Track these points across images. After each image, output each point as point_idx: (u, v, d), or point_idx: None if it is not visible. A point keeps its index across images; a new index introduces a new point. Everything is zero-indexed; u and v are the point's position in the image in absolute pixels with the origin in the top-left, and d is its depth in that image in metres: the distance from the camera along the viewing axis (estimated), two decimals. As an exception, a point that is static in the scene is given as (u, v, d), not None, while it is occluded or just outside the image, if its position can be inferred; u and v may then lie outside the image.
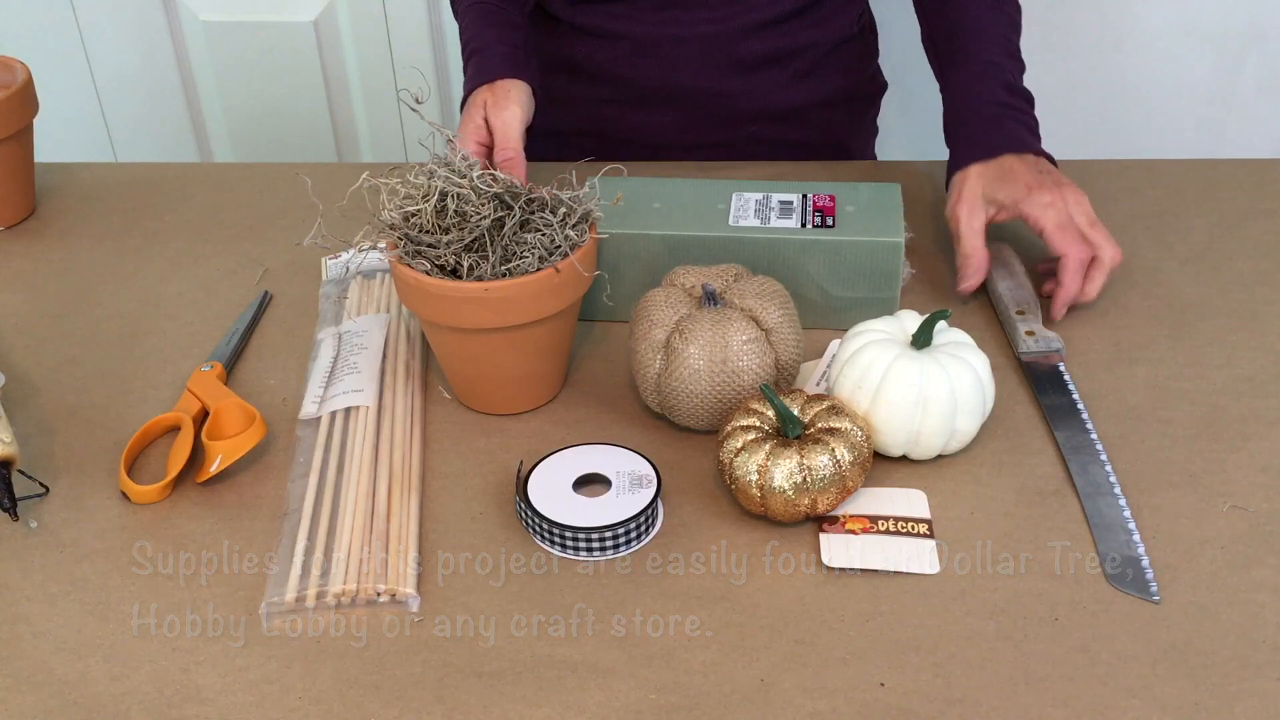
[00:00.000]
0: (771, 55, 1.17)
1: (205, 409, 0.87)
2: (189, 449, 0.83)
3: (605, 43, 1.18)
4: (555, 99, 1.23)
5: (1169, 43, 1.65)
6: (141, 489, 0.80)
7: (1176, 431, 0.83)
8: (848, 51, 1.21)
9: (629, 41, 1.16)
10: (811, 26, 1.17)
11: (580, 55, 1.19)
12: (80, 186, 1.19)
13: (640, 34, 1.16)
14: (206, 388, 0.88)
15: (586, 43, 1.19)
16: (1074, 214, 0.93)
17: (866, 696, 0.66)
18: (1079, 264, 0.92)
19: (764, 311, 0.82)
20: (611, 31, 1.17)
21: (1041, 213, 0.93)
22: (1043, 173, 0.96)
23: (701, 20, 1.14)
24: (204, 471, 0.81)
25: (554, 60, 1.21)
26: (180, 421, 0.86)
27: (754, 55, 1.16)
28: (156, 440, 0.86)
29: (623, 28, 1.16)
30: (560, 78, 1.21)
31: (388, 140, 1.87)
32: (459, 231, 0.81)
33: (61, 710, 0.67)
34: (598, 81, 1.20)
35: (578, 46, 1.19)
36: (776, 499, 0.74)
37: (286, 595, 0.72)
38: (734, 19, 1.14)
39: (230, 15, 1.75)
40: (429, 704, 0.66)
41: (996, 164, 0.97)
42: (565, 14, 1.18)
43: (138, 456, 0.85)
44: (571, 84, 1.21)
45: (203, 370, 0.90)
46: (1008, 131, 0.99)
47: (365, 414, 0.85)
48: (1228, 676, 0.66)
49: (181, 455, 0.82)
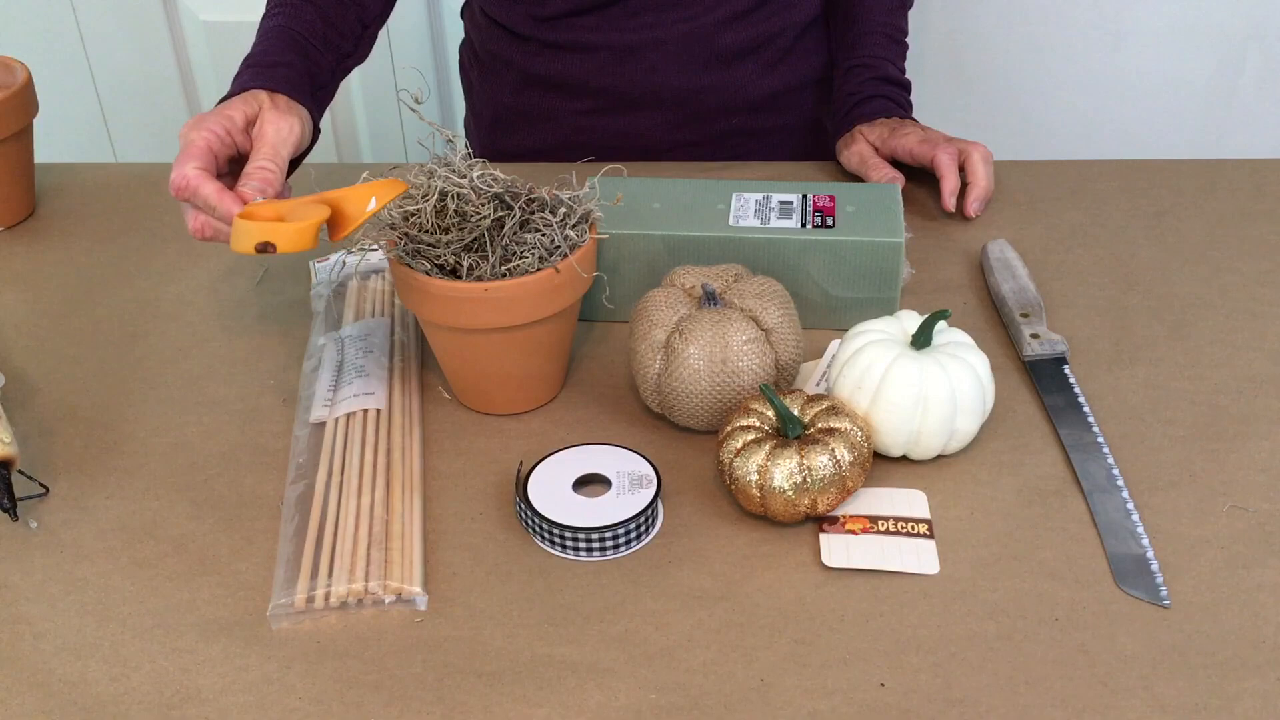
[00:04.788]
0: (747, 46, 1.18)
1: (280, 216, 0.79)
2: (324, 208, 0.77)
3: (580, 56, 1.17)
4: (532, 116, 1.23)
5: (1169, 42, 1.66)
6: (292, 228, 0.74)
7: (1176, 431, 0.83)
8: (815, 33, 1.23)
9: (605, 51, 1.16)
10: (781, 12, 1.18)
11: (555, 71, 1.19)
12: (80, 186, 1.19)
13: (616, 42, 1.16)
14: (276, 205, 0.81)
15: (561, 58, 1.18)
16: (930, 134, 1.10)
17: (866, 696, 0.66)
18: (950, 160, 1.06)
19: (764, 311, 0.82)
20: (586, 44, 1.16)
21: (902, 140, 1.10)
22: (905, 122, 1.13)
23: (675, 20, 1.15)
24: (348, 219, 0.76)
25: (527, 78, 1.21)
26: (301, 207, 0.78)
27: (730, 48, 1.17)
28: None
29: (597, 39, 1.16)
30: (535, 94, 1.21)
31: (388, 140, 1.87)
32: (459, 231, 0.81)
33: (61, 710, 0.67)
34: (576, 94, 1.19)
35: (552, 63, 1.19)
36: (776, 499, 0.74)
37: (295, 597, 0.72)
38: (707, 15, 1.15)
39: (230, 15, 1.75)
40: (429, 704, 0.66)
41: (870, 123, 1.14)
42: (532, 32, 1.18)
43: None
44: (548, 99, 1.21)
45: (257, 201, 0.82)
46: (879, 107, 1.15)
47: (365, 415, 0.85)
48: (1228, 677, 0.66)
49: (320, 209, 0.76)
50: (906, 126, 1.11)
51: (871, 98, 1.15)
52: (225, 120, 0.87)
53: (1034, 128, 1.75)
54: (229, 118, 0.88)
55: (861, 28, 1.18)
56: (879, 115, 1.14)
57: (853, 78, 1.17)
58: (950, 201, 1.06)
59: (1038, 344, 0.90)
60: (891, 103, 1.16)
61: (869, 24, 1.18)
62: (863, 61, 1.17)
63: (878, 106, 1.15)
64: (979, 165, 1.07)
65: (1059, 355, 0.89)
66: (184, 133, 0.87)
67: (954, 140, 1.09)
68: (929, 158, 1.07)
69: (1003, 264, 0.98)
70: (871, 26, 1.18)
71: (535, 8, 1.16)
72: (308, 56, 0.98)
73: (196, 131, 0.86)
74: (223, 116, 0.87)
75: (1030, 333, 0.91)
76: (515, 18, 1.18)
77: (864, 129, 1.13)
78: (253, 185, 0.83)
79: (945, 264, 1.02)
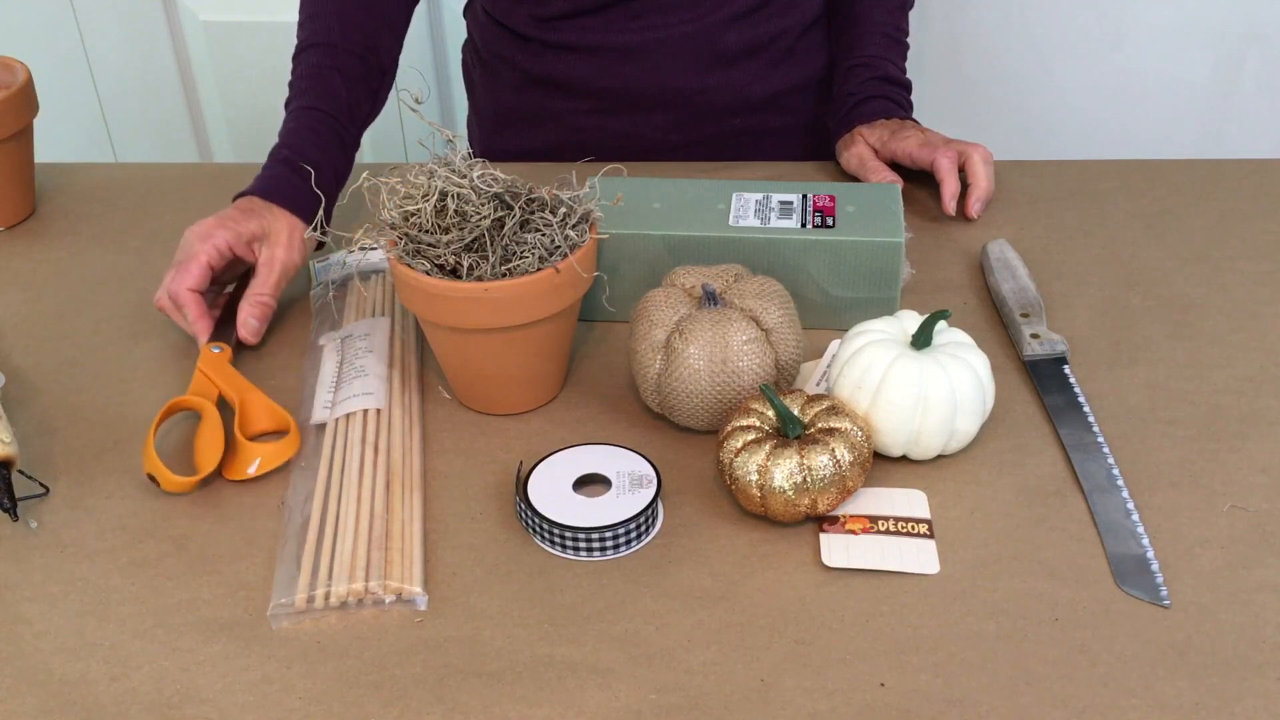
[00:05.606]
0: (749, 46, 1.18)
1: (223, 395, 0.86)
2: (221, 444, 0.81)
3: (582, 57, 1.17)
4: (534, 116, 1.22)
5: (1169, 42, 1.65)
6: (175, 478, 0.79)
7: (1177, 431, 0.83)
8: (817, 33, 1.23)
9: (607, 52, 1.16)
10: (783, 12, 1.18)
11: (556, 72, 1.19)
12: (80, 186, 1.19)
13: (619, 43, 1.16)
14: (220, 372, 0.87)
15: (563, 58, 1.18)
16: (930, 136, 1.10)
17: (866, 697, 0.66)
18: (950, 164, 1.06)
19: (764, 311, 0.82)
20: (588, 45, 1.16)
21: (902, 143, 1.09)
22: (905, 124, 1.13)
23: (677, 22, 1.15)
24: (237, 470, 0.80)
25: (529, 78, 1.20)
26: (201, 408, 0.84)
27: (732, 48, 1.17)
28: (168, 418, 0.85)
29: (599, 40, 1.16)
30: (537, 94, 1.21)
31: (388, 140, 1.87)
32: (459, 231, 0.81)
33: (61, 710, 0.67)
34: (578, 94, 1.19)
35: (554, 64, 1.18)
36: (776, 499, 0.74)
37: (296, 596, 0.72)
38: (709, 15, 1.15)
39: (230, 15, 1.75)
40: (429, 704, 0.66)
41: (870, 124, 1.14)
42: (535, 32, 1.17)
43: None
44: (550, 99, 1.21)
45: (212, 351, 0.89)
46: (880, 108, 1.15)
47: (365, 415, 0.85)
48: (1228, 677, 0.66)
49: (215, 450, 0.81)
50: (906, 129, 1.11)
51: (872, 98, 1.15)
52: (233, 236, 0.93)
53: (1034, 128, 1.75)
54: (238, 235, 0.93)
55: (862, 27, 1.18)
56: (879, 116, 1.14)
57: (853, 77, 1.17)
58: (951, 206, 1.05)
59: (1038, 344, 0.90)
60: (892, 103, 1.15)
61: (869, 24, 1.18)
62: (863, 61, 1.17)
63: (878, 107, 1.14)
64: (979, 167, 1.07)
65: (1059, 355, 0.89)
66: (191, 241, 0.92)
67: (953, 142, 1.09)
68: (929, 161, 1.07)
69: (1003, 264, 0.98)
70: (872, 26, 1.18)
71: (537, 9, 1.16)
72: (343, 143, 1.04)
73: (202, 245, 0.92)
74: (232, 232, 0.93)
75: (1030, 333, 0.91)
76: (517, 18, 1.18)
77: (863, 130, 1.13)
78: (250, 326, 0.92)
79: (945, 264, 1.02)
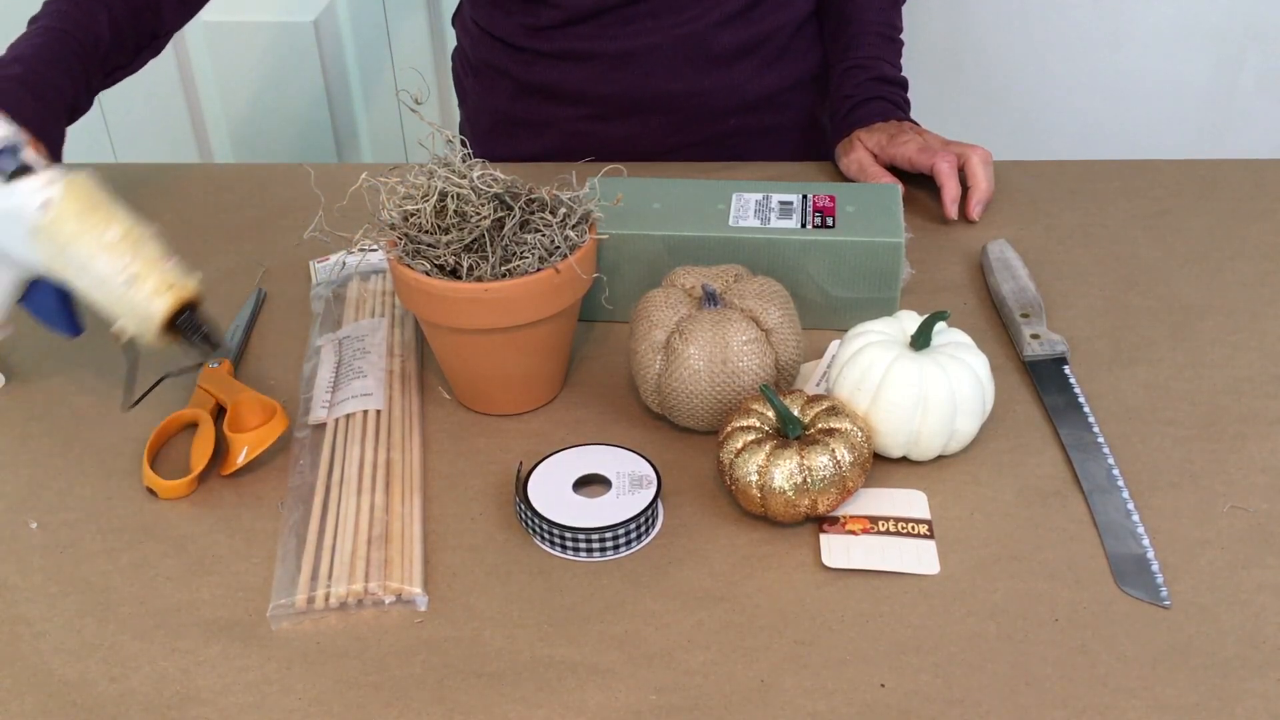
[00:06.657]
0: (742, 46, 1.18)
1: (221, 404, 0.87)
2: (212, 443, 0.82)
3: (576, 64, 1.17)
4: (529, 123, 1.22)
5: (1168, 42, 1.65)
6: (169, 484, 0.80)
7: (1177, 432, 0.83)
8: (810, 30, 1.23)
9: (601, 59, 1.16)
10: (775, 11, 1.18)
11: (551, 80, 1.18)
12: (80, 187, 1.19)
13: (611, 50, 1.15)
14: (219, 384, 0.88)
15: (557, 67, 1.18)
16: (928, 140, 1.10)
17: (866, 697, 0.66)
18: (949, 167, 1.06)
19: (764, 312, 0.82)
20: (581, 52, 1.16)
21: (901, 148, 1.09)
22: (903, 126, 1.12)
23: (670, 25, 1.15)
24: (230, 464, 0.81)
25: (523, 86, 1.20)
26: (198, 418, 0.86)
27: (726, 49, 1.17)
28: (172, 438, 0.86)
29: (592, 47, 1.16)
30: (532, 102, 1.21)
31: (388, 140, 1.87)
32: (459, 231, 0.81)
33: (61, 710, 0.67)
34: (573, 101, 1.19)
35: (548, 72, 1.18)
36: (776, 499, 0.74)
37: (296, 597, 0.72)
38: (702, 17, 1.15)
39: (230, 15, 1.75)
40: (429, 704, 0.66)
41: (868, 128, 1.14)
42: (527, 42, 1.17)
43: (156, 453, 0.84)
44: (545, 107, 1.21)
45: (211, 367, 0.90)
46: (877, 109, 1.15)
47: (365, 416, 0.85)
48: (1228, 677, 0.66)
49: (205, 449, 0.82)
50: (905, 132, 1.11)
51: (869, 99, 1.15)
52: None
53: (1034, 128, 1.75)
54: None
55: (856, 28, 1.18)
56: (877, 118, 1.13)
57: (849, 80, 1.17)
58: (953, 210, 1.06)
59: (1038, 344, 0.90)
60: (889, 103, 1.15)
61: (863, 24, 1.18)
62: (859, 63, 1.17)
63: (876, 109, 1.14)
64: (979, 168, 1.07)
65: (1059, 355, 0.89)
66: None
67: (952, 145, 1.09)
68: (928, 165, 1.07)
69: (1003, 264, 0.98)
70: (865, 26, 1.18)
71: (528, 19, 1.16)
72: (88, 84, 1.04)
73: None
74: None
75: (1030, 333, 0.91)
76: (508, 29, 1.18)
77: (862, 135, 1.12)
78: None
79: (945, 264, 1.02)
